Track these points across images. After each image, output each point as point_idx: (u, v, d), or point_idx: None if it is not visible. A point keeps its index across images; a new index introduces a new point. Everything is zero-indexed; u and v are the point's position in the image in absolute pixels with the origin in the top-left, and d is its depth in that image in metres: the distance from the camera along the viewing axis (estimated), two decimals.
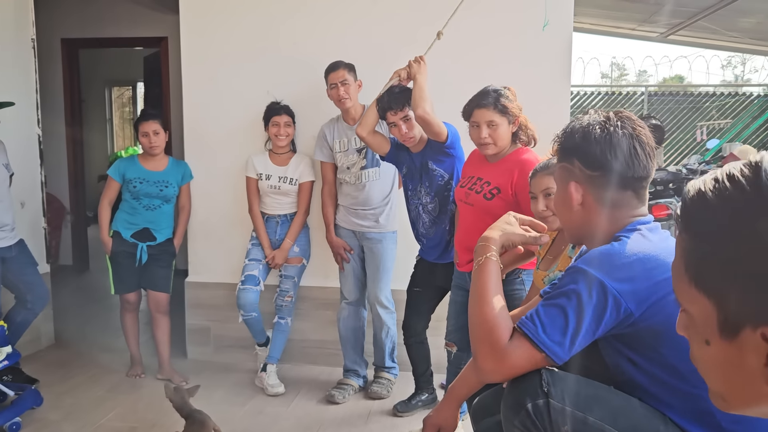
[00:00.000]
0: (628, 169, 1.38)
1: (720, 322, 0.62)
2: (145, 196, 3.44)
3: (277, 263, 3.44)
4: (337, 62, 3.22)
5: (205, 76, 3.73)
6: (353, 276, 3.35)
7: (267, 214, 3.51)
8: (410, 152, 2.96)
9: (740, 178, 0.62)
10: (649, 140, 1.41)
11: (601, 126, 1.40)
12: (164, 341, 3.52)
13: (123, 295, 3.51)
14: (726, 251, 0.61)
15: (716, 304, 0.62)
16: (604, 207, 1.40)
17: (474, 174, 2.64)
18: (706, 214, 0.64)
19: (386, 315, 3.25)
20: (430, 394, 3.17)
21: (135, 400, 3.25)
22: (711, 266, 0.63)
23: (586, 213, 1.43)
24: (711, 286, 0.63)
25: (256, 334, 3.48)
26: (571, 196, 1.43)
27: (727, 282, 0.61)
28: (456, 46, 3.22)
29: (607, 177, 1.39)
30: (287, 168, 3.46)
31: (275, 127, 3.41)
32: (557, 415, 1.32)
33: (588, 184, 1.41)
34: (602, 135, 1.39)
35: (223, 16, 3.68)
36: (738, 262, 0.60)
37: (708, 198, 0.64)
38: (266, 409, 3.17)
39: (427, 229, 2.98)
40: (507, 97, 2.54)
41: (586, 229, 1.45)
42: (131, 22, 5.70)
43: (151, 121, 3.45)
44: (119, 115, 11.20)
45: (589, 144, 1.39)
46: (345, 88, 3.17)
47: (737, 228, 0.60)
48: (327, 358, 3.65)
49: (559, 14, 3.33)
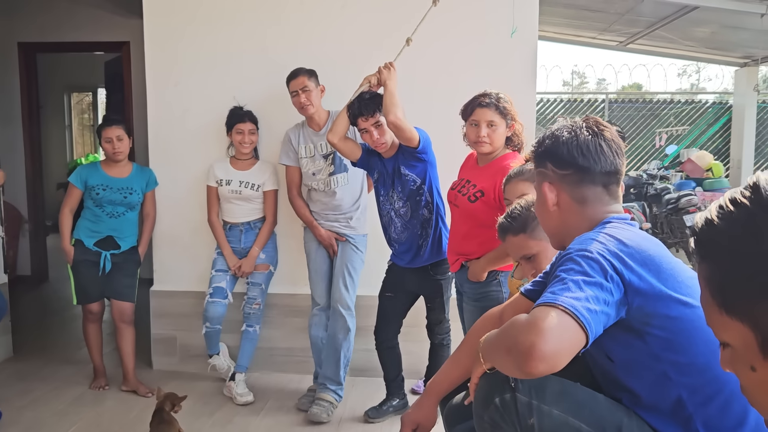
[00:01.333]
0: (596, 164, 1.46)
1: (760, 343, 0.62)
2: (108, 203, 3.37)
3: (245, 272, 3.40)
4: (297, 69, 3.21)
5: (170, 81, 3.67)
6: (324, 281, 3.33)
7: (230, 223, 3.47)
8: (382, 158, 2.96)
9: (743, 200, 0.65)
10: (615, 138, 1.49)
11: (568, 129, 1.50)
12: (129, 352, 3.44)
13: (86, 305, 3.42)
14: (745, 269, 0.62)
15: (751, 326, 0.63)
16: (577, 204, 1.48)
17: (465, 176, 2.71)
18: (719, 239, 0.66)
19: (349, 318, 3.19)
20: (401, 400, 3.16)
21: (99, 413, 3.16)
22: (735, 288, 0.64)
23: (562, 213, 1.50)
24: (741, 308, 0.64)
25: (212, 345, 3.43)
26: (546, 197, 1.51)
27: (754, 300, 0.62)
28: (425, 52, 3.24)
29: (577, 174, 1.47)
30: (250, 173, 3.43)
31: (239, 134, 3.37)
32: (524, 409, 1.36)
33: (560, 183, 1.49)
34: (569, 136, 1.49)
35: (188, 20, 3.63)
36: (760, 276, 0.61)
37: (717, 224, 0.66)
38: (235, 419, 3.12)
39: (398, 234, 2.99)
40: (507, 100, 2.63)
41: (564, 229, 1.51)
42: (92, 26, 5.58)
43: (114, 127, 3.38)
44: (79, 121, 10.95)
45: (557, 146, 1.49)
46: (306, 95, 3.16)
47: (751, 244, 0.62)
48: (296, 365, 3.62)
49: (525, 22, 3.38)
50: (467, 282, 2.64)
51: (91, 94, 10.28)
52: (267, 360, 3.64)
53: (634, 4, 5.77)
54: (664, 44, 7.78)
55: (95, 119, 10.29)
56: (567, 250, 1.35)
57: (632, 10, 6.02)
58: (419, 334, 3.18)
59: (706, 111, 9.65)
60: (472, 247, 2.60)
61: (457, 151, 3.10)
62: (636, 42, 7.60)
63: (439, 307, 3.04)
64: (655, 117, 9.72)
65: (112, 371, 3.55)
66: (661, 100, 10.10)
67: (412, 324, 3.17)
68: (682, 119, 9.58)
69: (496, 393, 1.41)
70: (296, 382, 3.52)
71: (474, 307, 2.61)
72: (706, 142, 9.39)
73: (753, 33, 6.35)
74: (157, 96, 3.70)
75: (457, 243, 2.69)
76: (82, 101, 10.98)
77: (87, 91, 10.18)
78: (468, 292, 2.66)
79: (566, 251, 1.35)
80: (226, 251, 3.42)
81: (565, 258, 1.31)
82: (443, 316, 3.06)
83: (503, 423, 1.40)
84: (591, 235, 1.36)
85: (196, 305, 3.48)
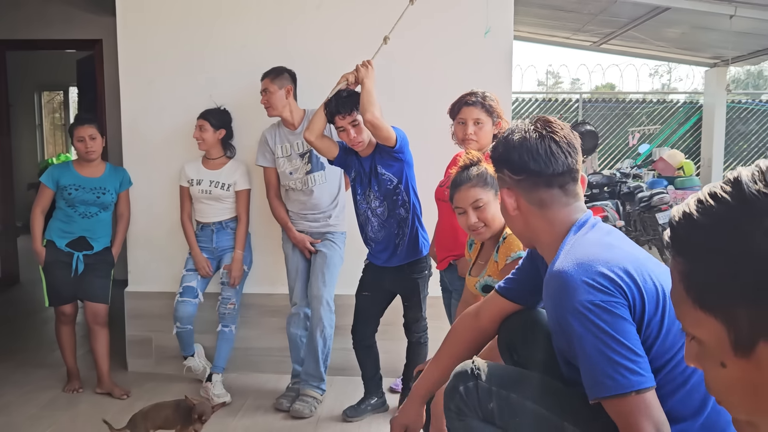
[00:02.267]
0: (548, 167, 1.45)
1: (732, 341, 0.61)
2: (81, 203, 3.31)
3: (236, 276, 3.38)
4: (267, 71, 3.22)
5: (144, 79, 3.63)
6: (302, 280, 3.32)
7: (202, 222, 3.44)
8: (359, 156, 2.96)
9: (723, 195, 0.63)
10: (567, 136, 1.49)
11: (519, 133, 1.50)
12: (103, 354, 3.39)
13: (58, 307, 3.37)
14: (725, 267, 0.61)
15: (725, 323, 0.61)
16: (536, 207, 1.48)
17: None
18: (697, 234, 0.64)
19: (327, 315, 3.18)
20: (380, 398, 3.17)
21: (73, 417, 3.12)
22: (712, 285, 0.62)
23: (524, 217, 1.51)
24: (716, 304, 0.62)
25: (186, 347, 3.40)
26: (506, 202, 1.52)
27: (731, 298, 0.60)
28: (403, 50, 3.24)
29: (530, 179, 1.47)
30: (220, 172, 3.40)
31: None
32: (484, 394, 1.48)
33: (517, 188, 1.50)
34: (519, 141, 1.48)
35: (162, 17, 3.59)
36: (739, 275, 0.59)
37: (695, 219, 0.64)
38: (212, 420, 3.08)
39: (375, 233, 2.99)
40: (493, 99, 2.68)
41: (530, 232, 1.53)
42: (63, 23, 5.49)
43: (87, 126, 3.33)
44: (50, 120, 10.76)
45: (509, 152, 1.49)
46: (266, 97, 3.17)
47: (732, 242, 0.60)
48: (274, 365, 3.60)
49: (500, 22, 3.41)
50: (458, 279, 2.67)
51: (62, 92, 10.11)
52: (244, 360, 3.62)
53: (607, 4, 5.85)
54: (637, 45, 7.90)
55: (67, 118, 10.13)
56: (571, 295, 1.30)
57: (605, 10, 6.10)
58: (396, 333, 3.19)
59: (677, 110, 9.82)
60: (463, 241, 2.62)
61: (433, 150, 3.12)
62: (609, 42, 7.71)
63: (416, 306, 3.06)
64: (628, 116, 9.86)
65: (86, 374, 3.49)
66: (633, 99, 10.26)
67: (389, 323, 3.18)
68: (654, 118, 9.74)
69: (460, 382, 1.52)
70: (274, 381, 3.50)
71: None
72: (677, 141, 9.55)
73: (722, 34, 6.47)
74: (130, 95, 3.65)
75: (448, 240, 2.72)
76: (53, 100, 10.79)
77: (58, 89, 10.01)
78: (459, 288, 2.68)
79: (571, 299, 1.29)
80: (195, 254, 3.39)
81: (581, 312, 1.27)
82: (420, 315, 3.07)
83: (467, 409, 1.51)
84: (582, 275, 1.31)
85: (172, 306, 3.44)
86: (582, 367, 1.29)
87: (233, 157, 3.47)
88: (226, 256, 3.43)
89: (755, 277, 0.58)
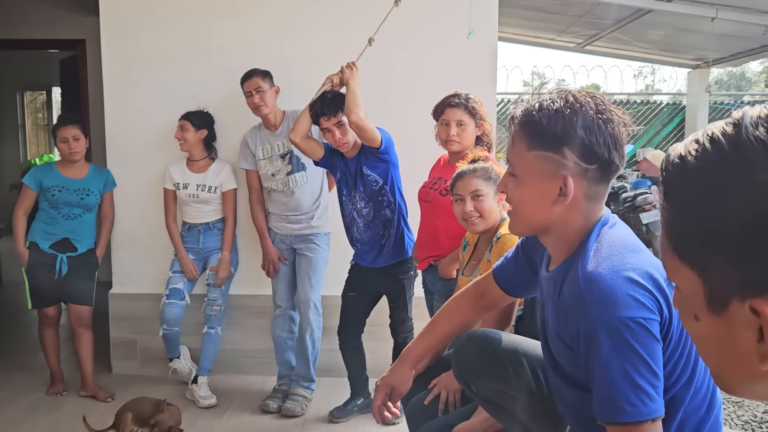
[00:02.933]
0: (621, 162, 1.26)
1: (707, 296, 0.57)
2: (64, 204, 3.29)
3: (223, 277, 3.37)
4: (251, 70, 3.19)
5: (128, 80, 3.60)
6: (285, 282, 3.32)
7: (189, 223, 3.43)
8: (344, 158, 2.96)
9: (721, 138, 0.56)
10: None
11: (597, 111, 1.23)
12: (87, 356, 3.36)
13: (41, 309, 3.34)
14: (705, 218, 0.56)
15: (701, 276, 0.57)
16: (587, 200, 1.26)
17: (437, 175, 2.76)
18: (685, 179, 0.58)
19: (315, 318, 3.19)
20: (366, 399, 3.17)
21: (57, 420, 3.09)
22: (691, 235, 0.58)
23: (567, 209, 1.26)
24: (693, 256, 0.58)
25: (172, 349, 3.39)
26: (568, 191, 1.24)
27: (708, 252, 0.56)
28: (387, 52, 3.25)
29: (601, 170, 1.24)
30: (206, 175, 3.39)
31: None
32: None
33: (582, 177, 1.24)
34: (601, 122, 1.23)
35: (146, 17, 3.57)
36: (718, 229, 0.55)
37: (687, 162, 0.58)
38: (198, 422, 3.08)
39: (361, 234, 2.99)
40: (476, 101, 2.69)
41: (559, 225, 1.29)
42: (46, 23, 5.43)
43: (70, 126, 3.30)
44: (32, 120, 10.64)
45: (581, 135, 1.21)
46: (260, 95, 3.15)
47: (716, 193, 0.55)
48: (260, 367, 3.59)
49: (485, 23, 3.42)
50: (439, 280, 2.68)
51: (45, 92, 10.00)
52: (230, 362, 3.61)
53: (591, 6, 5.89)
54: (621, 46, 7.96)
55: (50, 119, 10.03)
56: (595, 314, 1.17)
57: (589, 12, 6.15)
58: (383, 334, 3.19)
59: (660, 111, 9.91)
60: (445, 242, 2.63)
61: (418, 152, 3.13)
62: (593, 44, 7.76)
63: (402, 306, 3.06)
64: None
65: (69, 376, 3.46)
66: (617, 100, 10.33)
67: (375, 323, 3.18)
68: (637, 119, 9.80)
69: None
70: (260, 383, 3.49)
71: None
72: (660, 141, 9.64)
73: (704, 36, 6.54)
74: (114, 95, 3.62)
75: (429, 240, 2.72)
76: (36, 100, 10.68)
77: (41, 89, 9.90)
78: (440, 289, 2.68)
79: (610, 313, 1.16)
80: (182, 257, 3.38)
81: (617, 329, 1.15)
82: (406, 315, 3.08)
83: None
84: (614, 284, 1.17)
85: (156, 308, 3.42)
86: (598, 386, 1.18)
87: (216, 159, 3.46)
88: (213, 257, 3.41)
89: (734, 235, 0.54)
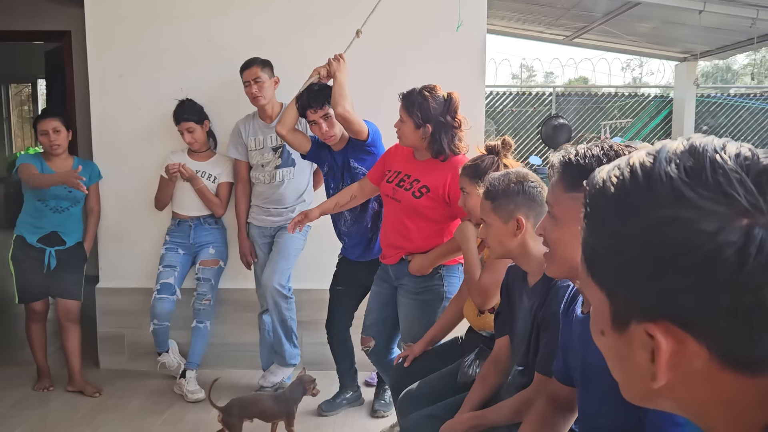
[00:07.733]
0: None
1: (612, 315, 0.60)
2: (52, 197, 3.25)
3: (186, 173, 3.27)
4: (251, 59, 3.17)
5: (113, 72, 3.57)
6: None
7: (180, 217, 3.41)
8: (331, 150, 2.95)
9: (638, 170, 0.58)
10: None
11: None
12: (74, 351, 3.34)
13: (29, 304, 3.31)
14: (611, 245, 0.58)
15: (607, 296, 0.60)
16: None
17: (401, 170, 2.59)
18: (602, 205, 0.60)
19: (283, 303, 3.17)
20: (355, 392, 3.18)
21: (43, 415, 3.07)
22: (600, 258, 0.60)
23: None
24: (601, 277, 0.61)
25: (161, 343, 3.37)
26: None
27: (612, 275, 0.59)
28: (375, 44, 3.23)
29: None
30: (207, 164, 3.39)
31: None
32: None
33: None
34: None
35: (132, 8, 3.53)
36: (621, 256, 0.57)
37: (606, 188, 0.59)
38: (186, 416, 3.08)
39: (348, 228, 2.98)
40: (424, 96, 2.52)
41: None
42: (30, 14, 5.36)
43: (50, 119, 3.26)
44: (18, 113, 10.55)
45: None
46: (258, 85, 3.13)
47: (623, 222, 0.57)
48: (248, 361, 3.58)
49: (474, 16, 3.41)
50: (407, 275, 2.57)
51: (30, 85, 9.90)
52: (218, 356, 3.60)
53: None
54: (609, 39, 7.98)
55: (35, 111, 9.93)
56: None
57: (578, 5, 6.15)
58: None
59: (648, 104, 9.95)
60: (417, 242, 2.54)
61: None
62: (582, 36, 7.77)
63: None
64: (600, 110, 9.95)
65: (57, 371, 3.44)
66: (605, 93, 10.35)
67: (363, 317, 3.17)
68: (625, 112, 9.85)
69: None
70: (249, 377, 3.49)
71: (413, 300, 2.57)
72: (648, 134, 9.68)
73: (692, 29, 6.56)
74: (100, 87, 3.59)
75: (393, 236, 2.60)
76: (21, 92, 10.57)
77: (26, 82, 9.81)
78: (407, 285, 2.59)
79: None
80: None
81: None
82: None
83: None
84: None
85: (144, 302, 3.40)
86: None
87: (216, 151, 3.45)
88: (203, 252, 3.40)
89: (633, 264, 0.56)
